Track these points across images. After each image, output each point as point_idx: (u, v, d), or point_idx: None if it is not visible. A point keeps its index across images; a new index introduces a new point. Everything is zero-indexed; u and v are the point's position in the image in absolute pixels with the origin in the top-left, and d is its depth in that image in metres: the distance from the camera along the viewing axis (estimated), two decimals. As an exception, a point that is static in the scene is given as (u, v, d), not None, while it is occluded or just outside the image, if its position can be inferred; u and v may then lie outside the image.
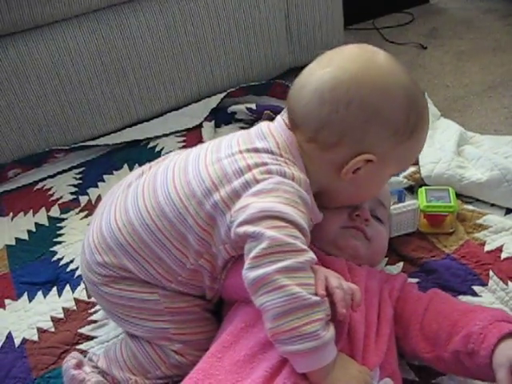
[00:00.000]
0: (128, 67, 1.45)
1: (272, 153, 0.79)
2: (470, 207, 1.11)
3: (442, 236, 1.06)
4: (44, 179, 1.45)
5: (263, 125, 0.85)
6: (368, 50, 0.83)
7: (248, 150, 0.80)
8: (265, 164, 0.77)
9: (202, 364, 0.74)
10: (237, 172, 0.77)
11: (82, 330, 1.00)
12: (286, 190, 0.74)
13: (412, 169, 1.18)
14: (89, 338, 0.99)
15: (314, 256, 0.71)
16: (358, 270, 0.85)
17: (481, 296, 0.94)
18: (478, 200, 1.14)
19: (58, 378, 0.92)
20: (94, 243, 0.85)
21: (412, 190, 1.16)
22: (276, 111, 1.40)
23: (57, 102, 1.43)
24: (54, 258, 1.18)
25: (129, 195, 0.85)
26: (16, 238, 1.26)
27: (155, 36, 1.44)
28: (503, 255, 1.00)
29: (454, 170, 1.13)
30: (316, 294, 0.69)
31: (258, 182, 0.75)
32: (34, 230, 1.28)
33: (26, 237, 1.27)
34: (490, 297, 0.93)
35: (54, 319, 1.03)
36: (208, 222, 0.78)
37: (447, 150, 1.18)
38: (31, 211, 1.34)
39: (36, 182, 1.44)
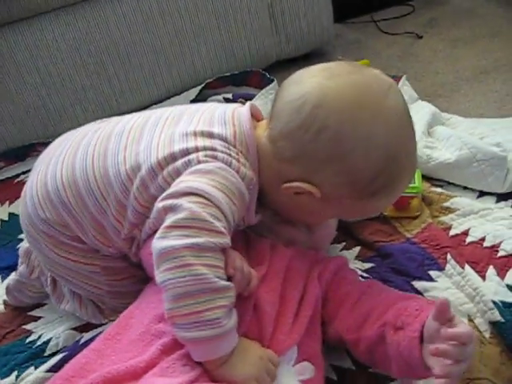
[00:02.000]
0: (107, 60, 1.45)
1: (226, 141, 0.75)
2: (439, 190, 1.04)
3: (405, 220, 0.99)
4: (27, 172, 1.46)
5: (230, 109, 0.80)
6: (382, 85, 0.73)
7: (202, 133, 0.76)
8: (213, 149, 0.73)
9: (97, 343, 0.71)
10: (183, 152, 0.74)
11: (31, 312, 0.99)
12: (224, 177, 0.70)
13: (379, 152, 1.12)
14: (35, 319, 0.97)
15: (230, 242, 0.66)
16: (282, 251, 0.80)
17: (436, 281, 0.88)
18: (450, 183, 1.07)
19: (0, 357, 0.90)
20: (37, 197, 0.82)
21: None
22: (250, 98, 1.38)
23: (37, 96, 1.44)
24: (19, 245, 1.18)
25: (79, 151, 0.81)
26: (-1, 221, 1.27)
27: (133, 28, 1.44)
28: (468, 239, 0.94)
29: (420, 150, 1.06)
30: (223, 279, 0.64)
31: (199, 162, 0.72)
32: (6, 219, 1.29)
33: (6, 217, 1.28)
34: (445, 282, 0.87)
35: (6, 302, 1.02)
36: (148, 199, 0.75)
37: (416, 130, 1.10)
38: (7, 202, 1.35)
39: (18, 175, 1.45)
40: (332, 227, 0.92)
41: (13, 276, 1.01)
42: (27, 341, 0.93)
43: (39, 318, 0.97)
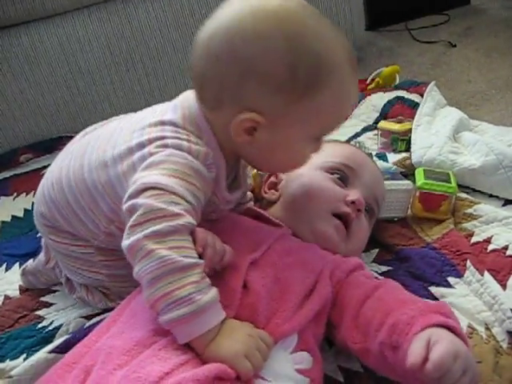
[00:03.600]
0: (137, 57, 1.47)
1: (176, 125, 0.75)
2: (463, 195, 1.01)
3: (427, 224, 0.96)
4: (52, 165, 1.49)
5: (184, 93, 0.80)
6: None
7: (156, 124, 0.76)
8: (163, 138, 0.73)
9: (96, 331, 0.73)
10: (138, 146, 0.74)
11: (43, 298, 0.99)
12: (174, 161, 0.70)
13: (403, 154, 1.10)
14: (47, 305, 0.97)
15: (193, 220, 0.67)
16: (288, 239, 0.79)
17: (454, 288, 0.84)
18: (474, 190, 1.04)
19: (10, 341, 0.91)
20: (39, 194, 0.88)
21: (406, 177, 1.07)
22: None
23: (67, 90, 1.47)
24: (39, 234, 1.20)
25: (68, 154, 0.86)
26: (12, 215, 1.29)
27: (164, 26, 1.46)
28: (490, 247, 0.91)
29: (445, 155, 1.04)
30: (191, 257, 0.65)
31: (151, 155, 0.72)
32: (29, 208, 1.30)
33: (21, 214, 1.29)
34: (464, 289, 0.84)
35: (21, 288, 1.02)
36: (116, 196, 0.76)
37: (441, 134, 1.09)
38: (32, 192, 1.37)
39: (45, 167, 1.47)
40: (366, 236, 0.89)
41: (31, 261, 1.02)
42: (38, 326, 0.93)
43: (51, 304, 0.97)
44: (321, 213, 0.84)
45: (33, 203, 1.28)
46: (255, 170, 1.09)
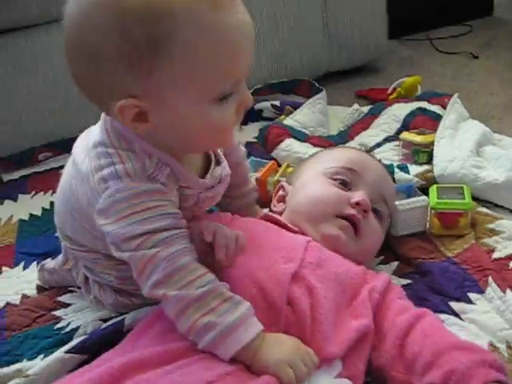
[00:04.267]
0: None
1: (104, 145, 0.74)
2: (484, 210, 1.00)
3: (447, 238, 0.96)
4: (71, 164, 1.49)
5: (104, 114, 0.77)
6: None
7: (92, 147, 0.75)
8: (100, 169, 0.72)
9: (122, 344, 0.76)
10: (88, 174, 0.74)
11: (60, 298, 1.00)
12: (122, 200, 0.70)
13: (425, 167, 1.10)
14: (65, 305, 0.98)
15: (179, 232, 0.71)
16: (317, 251, 0.79)
17: (475, 304, 0.84)
18: (496, 205, 1.03)
19: (27, 341, 0.91)
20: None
21: (424, 191, 1.07)
22: (297, 107, 1.38)
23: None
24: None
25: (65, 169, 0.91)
26: (30, 214, 1.29)
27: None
28: (512, 264, 0.90)
29: (468, 169, 1.04)
30: (201, 286, 0.68)
31: (99, 194, 0.72)
32: (48, 207, 1.31)
33: (39, 213, 1.30)
34: (485, 305, 0.83)
35: (38, 287, 1.03)
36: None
37: (464, 148, 1.09)
38: (50, 191, 1.37)
39: (62, 167, 1.48)
40: (380, 237, 0.90)
41: (50, 259, 1.04)
42: (56, 327, 0.94)
43: (69, 304, 0.98)
44: (326, 217, 0.85)
45: (51, 202, 1.31)
46: (276, 177, 1.10)
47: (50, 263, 1.02)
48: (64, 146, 1.51)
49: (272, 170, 1.11)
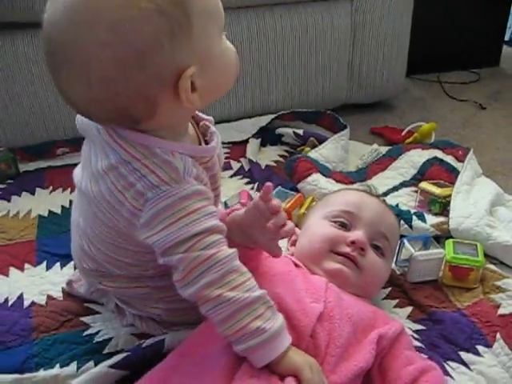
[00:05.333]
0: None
1: (125, 162, 0.72)
2: (492, 267, 1.09)
3: (457, 290, 1.04)
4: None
5: (104, 134, 0.75)
6: None
7: (109, 168, 0.73)
8: (131, 185, 0.72)
9: (171, 360, 0.79)
10: (117, 200, 0.74)
11: (88, 305, 1.03)
12: (165, 209, 0.71)
13: (441, 219, 1.17)
14: (93, 312, 1.01)
15: (222, 235, 0.75)
16: (335, 291, 0.86)
17: (483, 356, 0.91)
18: (502, 263, 1.12)
19: (56, 344, 0.94)
20: (76, 250, 0.93)
21: (437, 239, 1.14)
22: (321, 140, 1.44)
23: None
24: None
25: (76, 207, 0.91)
26: (49, 211, 1.32)
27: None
28: (515, 322, 0.98)
29: (482, 227, 1.12)
30: (252, 290, 0.73)
31: (140, 210, 0.73)
32: (67, 206, 1.33)
33: (58, 211, 1.32)
34: (492, 359, 0.91)
35: (64, 290, 1.06)
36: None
37: (480, 207, 1.17)
38: (69, 189, 1.39)
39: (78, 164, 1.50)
40: (382, 270, 0.97)
41: (74, 272, 1.06)
42: (85, 333, 0.97)
43: (97, 312, 1.01)
44: (324, 254, 0.93)
45: (70, 200, 1.33)
46: (302, 211, 1.16)
47: (74, 275, 1.05)
48: (82, 144, 1.55)
49: (298, 203, 1.17)
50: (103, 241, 0.84)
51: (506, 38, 2.12)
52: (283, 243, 1.10)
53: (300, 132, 1.48)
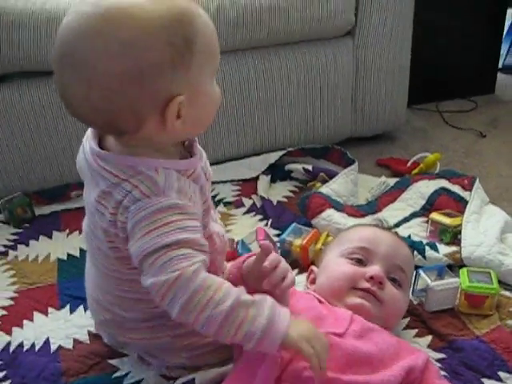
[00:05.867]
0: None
1: (114, 186, 0.78)
2: (507, 293, 1.12)
3: (475, 317, 1.07)
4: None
5: (92, 163, 0.81)
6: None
7: (102, 195, 0.79)
8: (119, 202, 0.77)
9: None
10: (110, 222, 0.79)
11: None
12: (143, 219, 0.76)
13: (453, 248, 1.21)
14: (120, 355, 1.03)
15: (202, 256, 0.77)
16: (359, 323, 0.90)
17: (506, 382, 0.94)
18: (516, 289, 1.15)
19: (88, 388, 0.97)
20: (92, 305, 0.99)
21: (451, 268, 1.18)
22: (331, 175, 1.48)
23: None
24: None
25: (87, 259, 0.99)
26: (68, 254, 1.34)
27: (227, 89, 1.55)
28: (534, 347, 1.01)
29: (494, 255, 1.15)
30: (223, 302, 0.74)
31: (124, 223, 0.78)
32: (85, 248, 1.36)
33: (77, 254, 1.34)
34: (514, 385, 0.94)
35: (90, 333, 1.08)
36: None
37: (490, 235, 1.21)
38: (86, 232, 1.42)
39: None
40: (401, 301, 1.00)
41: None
42: (114, 376, 0.99)
43: (124, 355, 1.03)
44: (346, 291, 0.97)
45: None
46: (318, 246, 1.19)
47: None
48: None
49: (314, 239, 1.21)
50: (111, 278, 0.89)
51: (500, 65, 2.19)
52: (302, 279, 1.14)
53: (309, 167, 1.52)
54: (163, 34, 0.70)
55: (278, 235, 1.29)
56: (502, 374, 0.95)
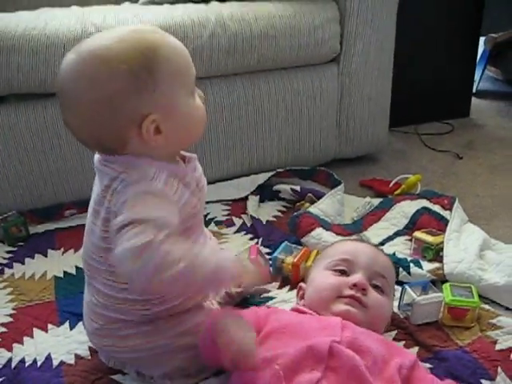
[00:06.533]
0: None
1: (115, 179, 0.89)
2: (486, 306, 1.19)
3: (457, 329, 1.13)
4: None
5: (97, 163, 0.93)
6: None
7: (105, 190, 0.90)
8: (114, 189, 0.88)
9: None
10: (109, 210, 0.90)
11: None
12: (129, 199, 0.86)
13: (436, 265, 1.28)
14: (121, 372, 1.05)
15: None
16: (352, 327, 0.95)
17: (488, 390, 1.01)
18: (493, 302, 1.22)
19: (90, 403, 0.99)
20: (88, 322, 1.04)
21: (434, 283, 1.24)
22: (318, 196, 1.55)
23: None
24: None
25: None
26: (64, 271, 1.36)
27: (218, 112, 1.62)
28: (512, 356, 1.08)
29: (474, 270, 1.23)
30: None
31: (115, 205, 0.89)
32: (80, 266, 1.38)
33: (73, 271, 1.36)
34: (496, 392, 1.00)
35: (91, 349, 1.10)
36: None
37: (470, 252, 1.28)
38: (81, 249, 1.44)
39: (86, 224, 1.56)
40: (385, 306, 1.06)
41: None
42: (117, 391, 1.01)
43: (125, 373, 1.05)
44: (332, 300, 1.02)
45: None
46: (309, 263, 1.24)
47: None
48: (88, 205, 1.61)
49: (305, 257, 1.26)
50: (104, 272, 0.95)
51: (474, 90, 2.30)
52: (292, 295, 1.20)
53: (297, 188, 1.59)
54: (124, 66, 0.83)
55: (269, 253, 1.35)
56: (484, 382, 1.01)
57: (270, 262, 1.29)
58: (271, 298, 1.22)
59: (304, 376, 0.84)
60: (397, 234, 1.41)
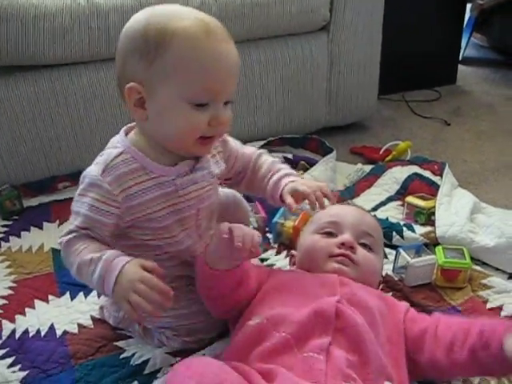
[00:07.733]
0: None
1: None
2: (478, 268, 1.23)
3: (450, 290, 1.17)
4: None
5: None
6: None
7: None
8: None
9: None
10: None
11: (119, 330, 1.08)
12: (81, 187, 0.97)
13: (428, 228, 1.31)
14: (125, 337, 1.07)
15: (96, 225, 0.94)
16: (349, 284, 0.98)
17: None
18: (484, 263, 1.26)
19: (96, 369, 1.00)
20: None
21: (427, 246, 1.27)
22: (310, 163, 1.56)
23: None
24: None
25: None
26: (61, 243, 1.38)
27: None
28: (502, 313, 1.11)
29: (465, 233, 1.26)
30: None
31: None
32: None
33: (70, 243, 1.38)
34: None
35: (93, 318, 1.12)
36: None
37: (461, 215, 1.32)
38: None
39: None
40: (375, 263, 1.08)
41: (106, 299, 1.11)
42: (121, 357, 1.03)
43: (129, 337, 1.07)
44: (322, 260, 1.04)
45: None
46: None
47: (106, 301, 1.11)
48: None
49: (305, 220, 1.28)
50: None
51: (460, 57, 2.32)
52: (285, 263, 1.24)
53: (289, 156, 1.60)
54: (141, 27, 0.87)
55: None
56: (476, 339, 1.06)
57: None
58: (270, 266, 1.25)
59: (314, 341, 0.86)
60: (389, 199, 1.44)
